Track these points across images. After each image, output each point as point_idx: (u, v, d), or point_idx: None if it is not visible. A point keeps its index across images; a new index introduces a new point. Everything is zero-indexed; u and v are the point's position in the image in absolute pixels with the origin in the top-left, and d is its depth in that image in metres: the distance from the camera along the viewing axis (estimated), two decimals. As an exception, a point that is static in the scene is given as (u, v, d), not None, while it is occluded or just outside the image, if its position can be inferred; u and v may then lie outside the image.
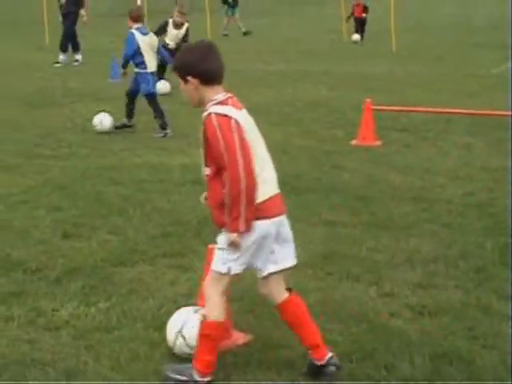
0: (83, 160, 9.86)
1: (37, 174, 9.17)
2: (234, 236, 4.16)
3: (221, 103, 4.25)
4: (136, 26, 11.23)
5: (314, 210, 7.60)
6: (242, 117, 4.26)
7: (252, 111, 13.60)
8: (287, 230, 4.49)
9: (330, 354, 4.43)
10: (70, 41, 20.42)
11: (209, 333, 4.34)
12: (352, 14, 27.90)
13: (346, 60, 21.61)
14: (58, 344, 4.88)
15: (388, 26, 24.90)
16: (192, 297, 5.33)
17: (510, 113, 11.87)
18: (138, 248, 6.55)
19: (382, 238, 6.77)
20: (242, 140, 4.14)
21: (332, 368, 4.41)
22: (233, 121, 4.17)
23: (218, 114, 4.18)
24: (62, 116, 12.90)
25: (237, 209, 4.11)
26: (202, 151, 4.29)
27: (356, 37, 27.25)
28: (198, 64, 4.24)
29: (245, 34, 30.56)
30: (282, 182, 8.45)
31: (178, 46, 15.13)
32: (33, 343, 4.88)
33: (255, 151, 4.24)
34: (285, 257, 4.47)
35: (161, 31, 15.53)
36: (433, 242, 6.64)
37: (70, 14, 20.13)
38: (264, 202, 4.28)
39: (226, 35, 30.16)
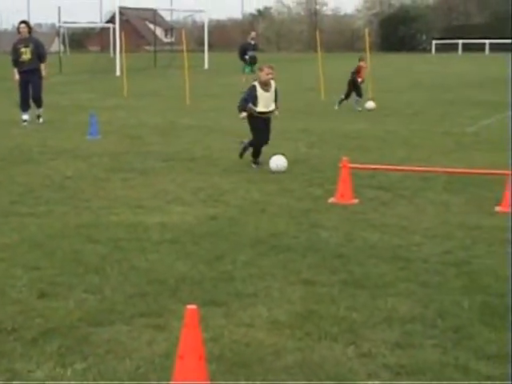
0: (61, 218, 9.82)
1: (14, 231, 9.12)
2: None
3: None
4: None
5: (292, 269, 7.60)
6: None
7: (230, 170, 13.75)
8: None
9: None
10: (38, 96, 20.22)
11: None
12: (356, 75, 24.47)
13: (324, 118, 21.81)
14: (33, 406, 4.82)
15: (365, 85, 25.21)
16: (170, 357, 5.29)
17: (486, 171, 12.00)
18: (114, 307, 6.51)
19: (359, 297, 6.77)
20: None
21: None
22: None
23: None
24: (40, 173, 12.89)
25: None
26: None
27: (370, 104, 24.27)
28: None
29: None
30: (260, 241, 8.61)
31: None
32: (7, 406, 4.82)
33: None
34: None
35: (252, 98, 13.43)
36: (410, 301, 6.65)
37: (36, 71, 19.86)
38: None
39: None
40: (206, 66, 52.01)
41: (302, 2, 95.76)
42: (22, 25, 20.19)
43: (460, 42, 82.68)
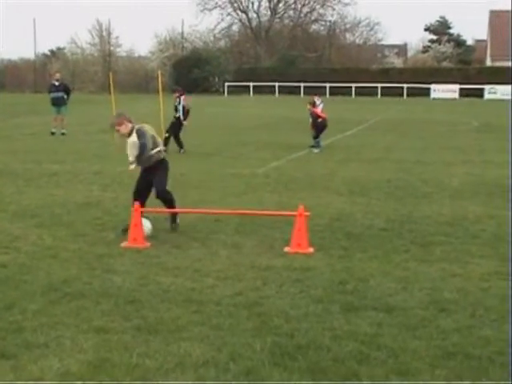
0: None
1: None
2: None
3: None
4: None
5: (84, 317, 7.47)
6: None
7: (22, 215, 13.31)
8: None
9: None
10: None
11: None
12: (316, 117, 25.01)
13: (117, 160, 21.62)
14: None
15: (158, 123, 25.33)
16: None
17: (276, 212, 12.36)
18: None
19: (152, 342, 6.75)
20: None
21: None
22: None
23: None
24: None
25: None
26: None
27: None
28: None
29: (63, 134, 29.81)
30: (52, 289, 8.41)
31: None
32: None
33: None
34: None
35: None
36: (203, 345, 6.69)
37: None
38: None
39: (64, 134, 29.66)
40: (-3, 106, 50.57)
41: (95, 44, 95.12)
42: None
43: (251, 84, 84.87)
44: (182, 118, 24.33)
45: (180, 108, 24.40)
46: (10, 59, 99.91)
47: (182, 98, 24.61)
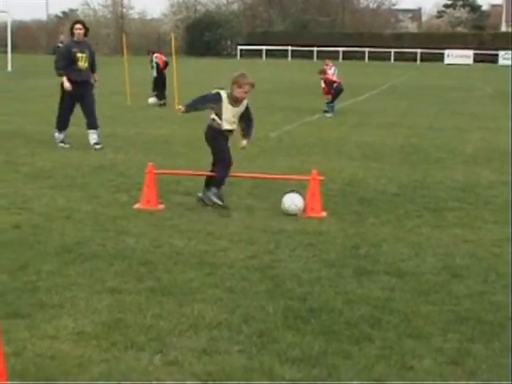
0: None
1: None
2: None
3: None
4: None
5: (98, 278, 7.51)
6: None
7: (35, 176, 13.33)
8: None
9: None
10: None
11: None
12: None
13: (130, 122, 21.70)
14: None
15: (171, 86, 25.30)
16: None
17: (289, 176, 12.36)
18: None
19: (166, 304, 6.79)
20: None
21: None
22: None
23: None
24: None
25: None
26: None
27: None
28: None
29: None
30: (65, 250, 8.46)
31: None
32: None
33: None
34: None
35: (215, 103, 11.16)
36: (216, 307, 6.73)
37: (89, 83, 16.97)
38: None
39: None
40: (10, 67, 50.48)
41: (108, 5, 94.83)
42: (78, 25, 16.57)
43: (264, 48, 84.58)
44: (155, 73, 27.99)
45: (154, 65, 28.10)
46: (21, 20, 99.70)
47: (155, 55, 28.25)
